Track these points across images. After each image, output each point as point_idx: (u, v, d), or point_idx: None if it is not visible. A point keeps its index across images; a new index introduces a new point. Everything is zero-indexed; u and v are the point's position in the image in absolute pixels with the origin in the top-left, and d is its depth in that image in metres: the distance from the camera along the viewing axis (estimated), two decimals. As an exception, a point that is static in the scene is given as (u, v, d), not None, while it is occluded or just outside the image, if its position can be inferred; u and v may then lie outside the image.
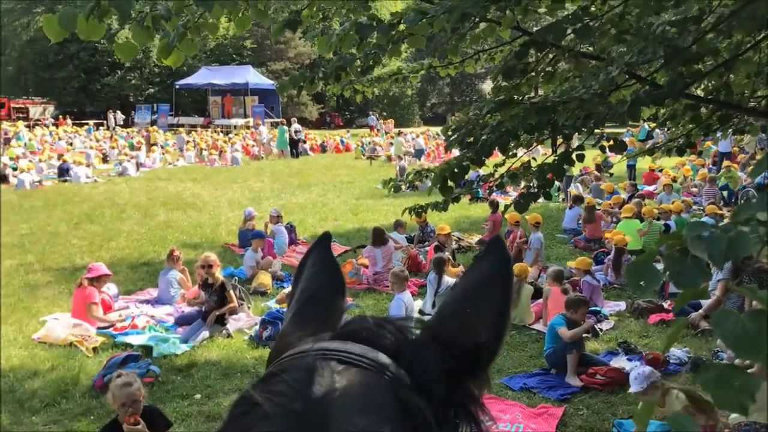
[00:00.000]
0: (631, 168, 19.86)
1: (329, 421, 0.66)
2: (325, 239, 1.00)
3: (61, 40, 2.92)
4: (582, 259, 9.07)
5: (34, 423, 5.76)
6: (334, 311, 0.91)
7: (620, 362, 6.91)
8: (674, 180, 17.51)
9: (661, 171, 19.06)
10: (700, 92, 5.80)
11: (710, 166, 20.47)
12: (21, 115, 46.81)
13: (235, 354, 7.29)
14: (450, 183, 4.52)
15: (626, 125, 27.05)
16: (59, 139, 33.15)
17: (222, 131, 39.49)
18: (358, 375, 0.71)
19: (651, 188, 17.82)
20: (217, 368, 6.85)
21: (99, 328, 7.92)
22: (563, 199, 16.84)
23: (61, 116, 47.30)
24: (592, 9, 4.67)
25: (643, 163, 19.36)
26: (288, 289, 8.94)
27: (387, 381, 0.72)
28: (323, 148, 33.63)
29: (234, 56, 51.72)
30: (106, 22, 2.87)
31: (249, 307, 8.62)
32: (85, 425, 5.68)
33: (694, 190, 17.37)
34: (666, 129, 7.43)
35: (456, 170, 4.45)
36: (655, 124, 8.42)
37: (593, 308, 8.26)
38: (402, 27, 3.81)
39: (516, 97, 4.35)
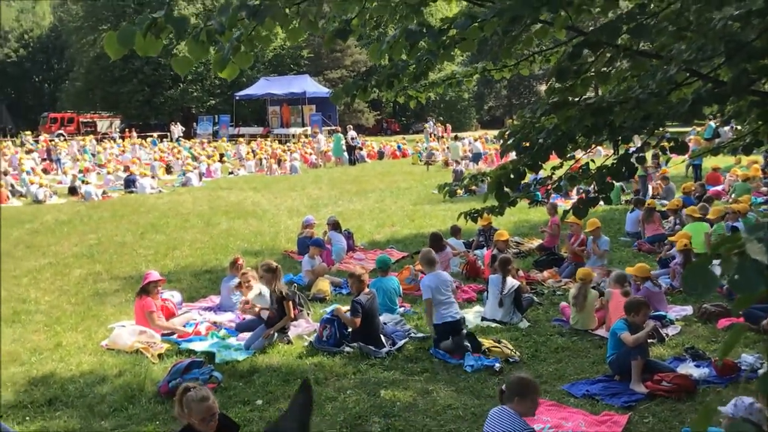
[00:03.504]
0: (697, 168, 19.26)
1: None
2: (305, 387, 1.30)
3: (121, 57, 3.02)
4: (640, 266, 8.79)
5: (103, 427, 5.94)
6: None
7: (688, 369, 6.68)
8: (747, 179, 16.87)
9: (728, 171, 18.41)
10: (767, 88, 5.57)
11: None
12: (89, 129, 48.71)
13: (295, 360, 7.37)
14: (506, 189, 4.46)
15: (691, 124, 26.27)
16: (124, 151, 34.29)
17: (281, 140, 40.11)
18: None
19: (718, 188, 17.23)
20: (277, 374, 6.93)
21: (163, 335, 8.12)
22: (626, 201, 16.45)
23: (126, 129, 48.96)
24: (651, 6, 4.55)
25: (709, 163, 18.74)
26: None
27: None
28: (380, 155, 33.76)
29: (292, 66, 52.61)
30: (163, 38, 2.95)
31: (308, 314, 8.70)
32: (151, 429, 5.83)
33: (764, 189, 16.71)
34: (732, 127, 7.17)
35: (512, 176, 4.39)
36: (719, 122, 8.14)
37: (658, 313, 8.03)
38: (453, 32, 3.79)
39: (570, 98, 4.27)
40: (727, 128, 18.83)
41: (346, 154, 30.87)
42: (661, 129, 4.69)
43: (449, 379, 6.77)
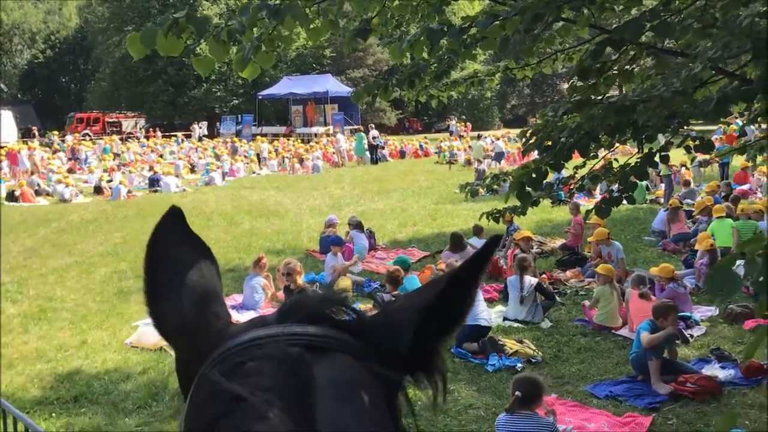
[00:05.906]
0: (724, 166, 18.97)
1: (324, 414, 0.67)
2: (174, 215, 0.97)
3: (144, 57, 3.05)
4: (664, 266, 8.69)
5: (127, 424, 6.01)
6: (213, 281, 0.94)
7: (713, 370, 6.60)
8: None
9: (755, 169, 18.13)
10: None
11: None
12: (114, 129, 49.21)
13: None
14: (528, 189, 4.42)
15: (717, 122, 25.84)
16: (153, 150, 34.60)
17: (303, 139, 40.25)
18: (332, 359, 0.73)
19: (745, 187, 16.98)
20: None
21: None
22: (651, 201, 16.29)
23: (151, 129, 49.42)
24: (675, 3, 4.49)
25: (737, 162, 18.46)
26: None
27: (359, 360, 0.75)
28: (402, 154, 33.74)
29: (314, 65, 52.76)
30: (184, 38, 2.97)
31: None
32: (174, 427, 5.86)
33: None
34: (758, 125, 7.06)
35: (534, 175, 4.36)
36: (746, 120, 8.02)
37: (683, 314, 7.93)
38: (474, 31, 3.77)
39: (593, 97, 4.23)
40: (753, 127, 18.53)
41: (368, 153, 30.89)
42: (685, 127, 4.63)
43: (470, 378, 6.75)
